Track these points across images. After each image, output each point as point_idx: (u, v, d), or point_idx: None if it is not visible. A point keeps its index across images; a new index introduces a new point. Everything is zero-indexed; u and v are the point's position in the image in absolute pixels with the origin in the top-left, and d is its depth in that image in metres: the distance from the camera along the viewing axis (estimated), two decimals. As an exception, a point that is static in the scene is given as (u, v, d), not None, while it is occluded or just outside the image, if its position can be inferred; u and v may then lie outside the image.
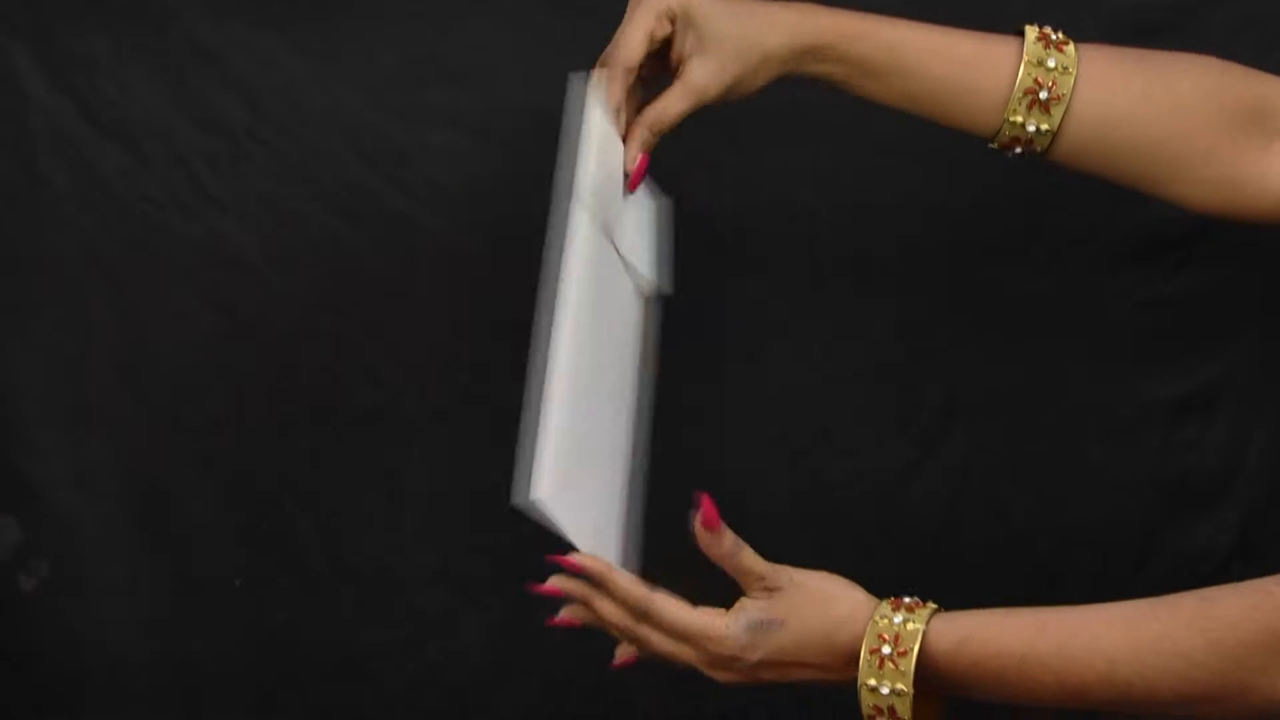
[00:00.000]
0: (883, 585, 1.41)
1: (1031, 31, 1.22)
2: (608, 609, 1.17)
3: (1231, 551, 1.43)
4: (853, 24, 1.22)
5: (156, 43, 1.41)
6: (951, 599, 1.43)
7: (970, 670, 1.12)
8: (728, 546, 1.18)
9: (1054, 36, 1.22)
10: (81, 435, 1.42)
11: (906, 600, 1.16)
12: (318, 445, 1.43)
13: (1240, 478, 1.43)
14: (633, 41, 1.23)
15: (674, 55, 1.23)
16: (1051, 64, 1.21)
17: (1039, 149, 1.23)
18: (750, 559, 1.18)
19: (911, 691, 1.13)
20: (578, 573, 1.16)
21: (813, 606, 1.16)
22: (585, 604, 1.17)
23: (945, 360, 1.44)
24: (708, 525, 1.17)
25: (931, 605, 1.15)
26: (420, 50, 1.42)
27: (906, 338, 1.44)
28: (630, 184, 1.24)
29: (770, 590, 1.16)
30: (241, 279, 1.42)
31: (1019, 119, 1.21)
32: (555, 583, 1.17)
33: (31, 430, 1.42)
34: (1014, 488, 1.44)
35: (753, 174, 1.38)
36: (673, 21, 1.22)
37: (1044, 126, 1.21)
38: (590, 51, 1.27)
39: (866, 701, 1.14)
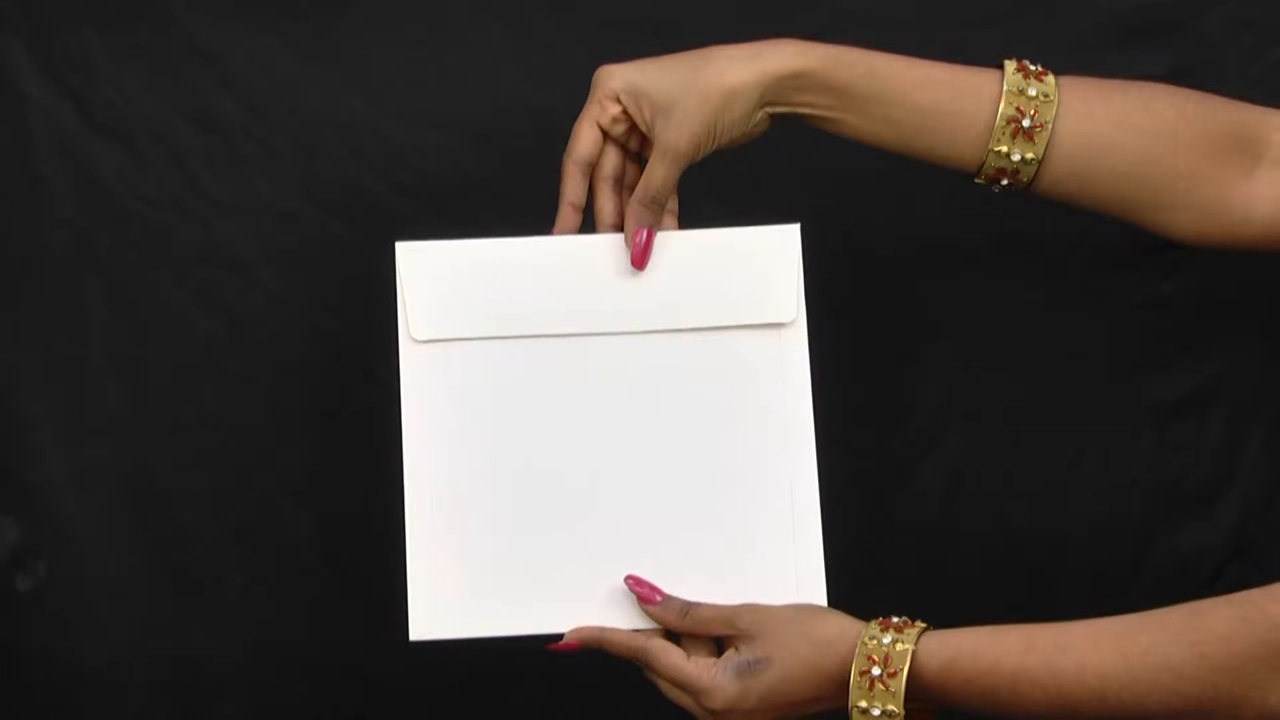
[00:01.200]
0: (878, 588, 1.42)
1: (1010, 63, 1.22)
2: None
3: (1228, 553, 1.44)
4: (830, 51, 1.22)
5: (154, 43, 1.41)
6: (947, 601, 1.43)
7: (961, 688, 1.13)
8: (678, 610, 1.20)
9: (1033, 68, 1.22)
10: (79, 435, 1.42)
11: (895, 620, 1.16)
12: (315, 445, 1.43)
13: (1236, 479, 1.44)
14: (580, 135, 1.24)
15: (642, 128, 1.23)
16: (1032, 92, 1.20)
17: (1025, 180, 1.22)
18: (707, 610, 1.20)
19: (902, 712, 1.13)
20: (575, 650, 1.22)
21: (795, 636, 1.17)
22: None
23: (940, 361, 1.44)
24: (647, 600, 1.20)
25: (920, 624, 1.15)
26: (418, 51, 1.42)
27: (901, 339, 1.44)
28: (633, 261, 1.23)
29: (748, 635, 1.17)
30: (239, 279, 1.42)
31: (1003, 148, 1.21)
32: (570, 640, 1.22)
33: (29, 430, 1.42)
34: (1009, 490, 1.44)
35: (751, 177, 1.38)
36: (619, 100, 1.22)
37: (1029, 155, 1.21)
38: (588, 53, 1.27)
39: None
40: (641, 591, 1.21)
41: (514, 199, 1.35)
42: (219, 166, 1.42)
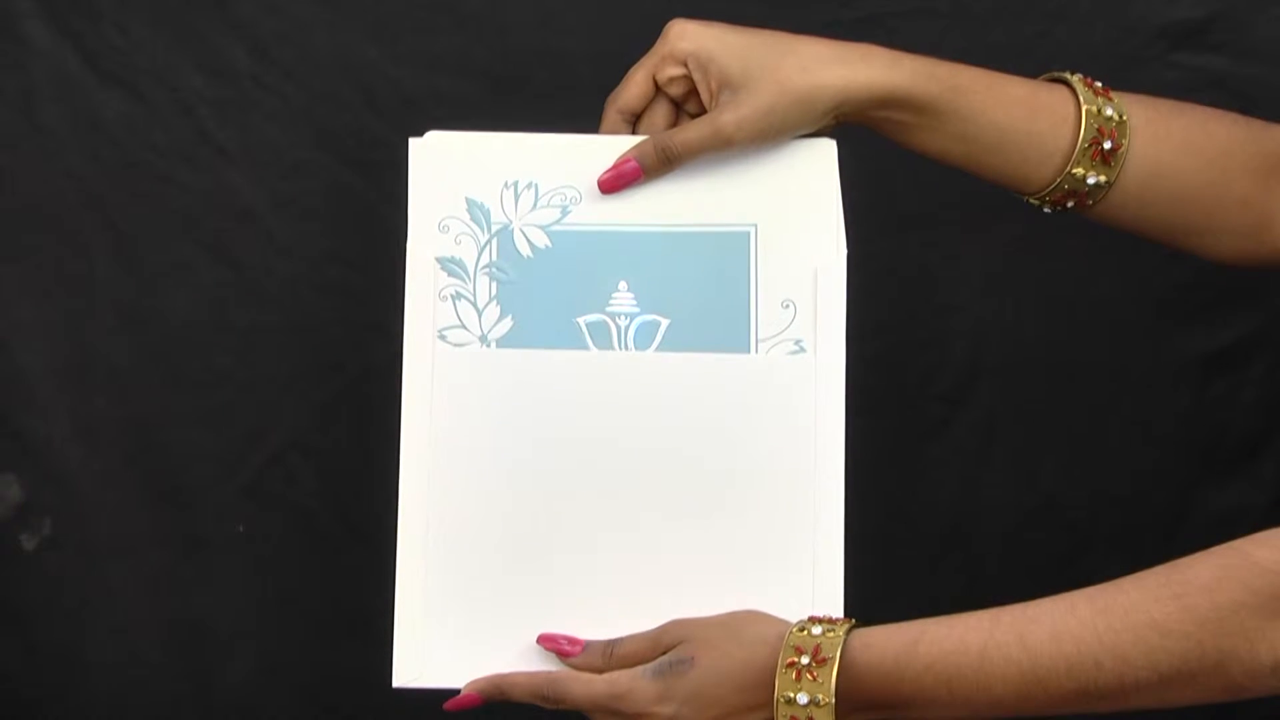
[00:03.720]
0: (908, 546, 1.41)
1: (1076, 80, 1.18)
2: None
3: (1267, 509, 1.41)
4: (918, 66, 1.16)
5: (161, -15, 1.40)
6: (981, 560, 1.42)
7: (921, 676, 1.06)
8: (600, 651, 1.14)
9: (1097, 84, 1.18)
10: (84, 390, 1.41)
11: (825, 616, 1.11)
12: (325, 401, 1.41)
13: (1277, 433, 1.41)
14: (630, 82, 1.18)
15: (704, 98, 1.17)
16: (1109, 113, 1.17)
17: (1091, 203, 1.18)
18: (630, 641, 1.14)
19: (832, 701, 1.06)
20: (476, 704, 1.15)
21: (725, 637, 1.11)
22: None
23: (970, 314, 1.42)
24: (567, 655, 1.15)
25: (851, 620, 1.09)
26: (431, -7, 1.40)
27: (931, 292, 1.42)
28: (601, 182, 1.18)
29: (674, 644, 1.12)
30: (248, 230, 1.40)
31: (1080, 171, 1.17)
32: (467, 692, 1.16)
33: (33, 385, 1.40)
34: (1042, 445, 1.42)
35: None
36: (685, 65, 1.16)
37: (1102, 179, 1.17)
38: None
39: (782, 715, 1.08)
40: (557, 648, 1.15)
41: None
42: (227, 114, 1.40)
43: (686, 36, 1.17)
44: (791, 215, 1.19)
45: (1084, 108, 1.17)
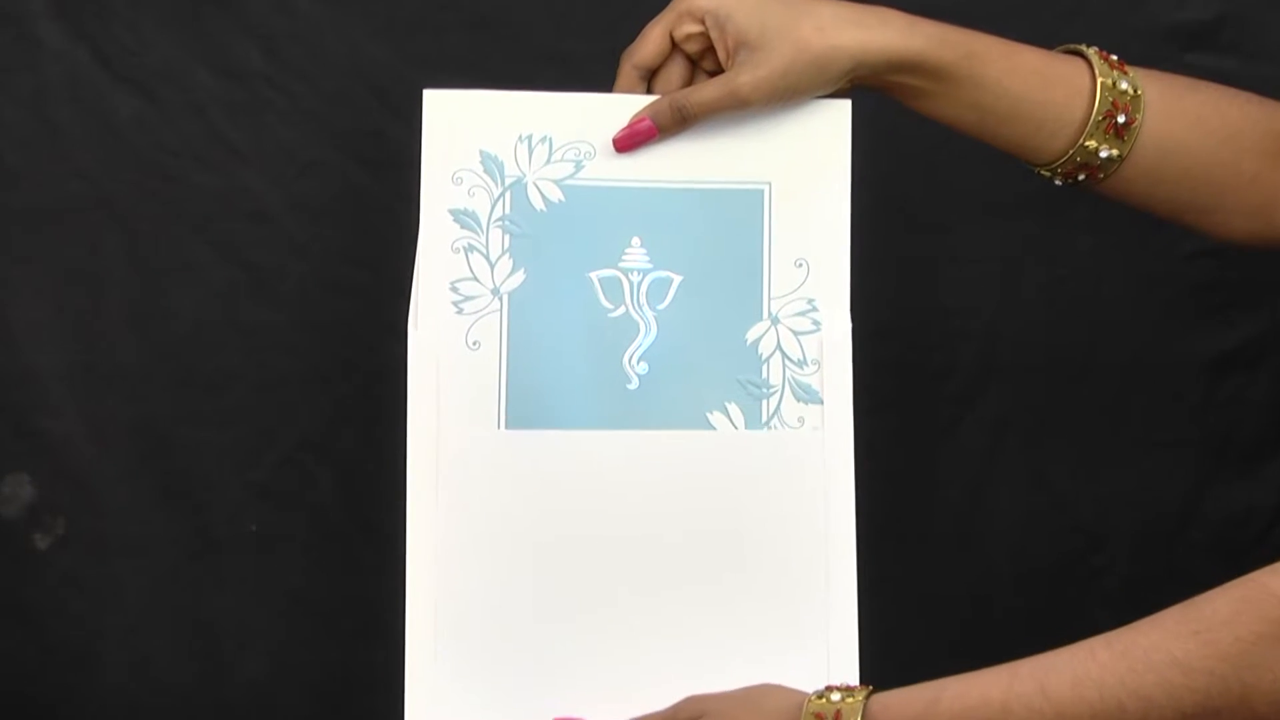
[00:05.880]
0: (919, 546, 1.40)
1: (1093, 52, 1.18)
2: None
3: (1276, 510, 1.41)
4: (934, 32, 1.16)
5: (174, -14, 1.40)
6: (990, 560, 1.42)
7: None
8: None
9: (1113, 58, 1.18)
10: (96, 390, 1.41)
11: (842, 684, 1.11)
12: (338, 400, 1.41)
13: (1287, 436, 1.42)
14: (647, 38, 1.18)
15: (720, 56, 1.16)
16: (1124, 86, 1.17)
17: (1102, 176, 1.18)
18: (647, 717, 1.14)
19: None
20: None
21: (741, 710, 1.11)
22: None
23: (981, 316, 1.42)
24: None
25: (869, 686, 1.09)
26: (443, -6, 1.40)
27: (942, 293, 1.42)
28: (616, 140, 1.18)
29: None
30: (260, 230, 1.40)
31: (1093, 144, 1.17)
32: None
33: (45, 385, 1.40)
34: (1053, 446, 1.42)
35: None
36: (702, 21, 1.16)
37: (1115, 153, 1.17)
38: (617, -1, 1.24)
39: None
40: None
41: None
42: (239, 114, 1.40)
43: None
44: (806, 175, 1.18)
45: (1099, 80, 1.17)
